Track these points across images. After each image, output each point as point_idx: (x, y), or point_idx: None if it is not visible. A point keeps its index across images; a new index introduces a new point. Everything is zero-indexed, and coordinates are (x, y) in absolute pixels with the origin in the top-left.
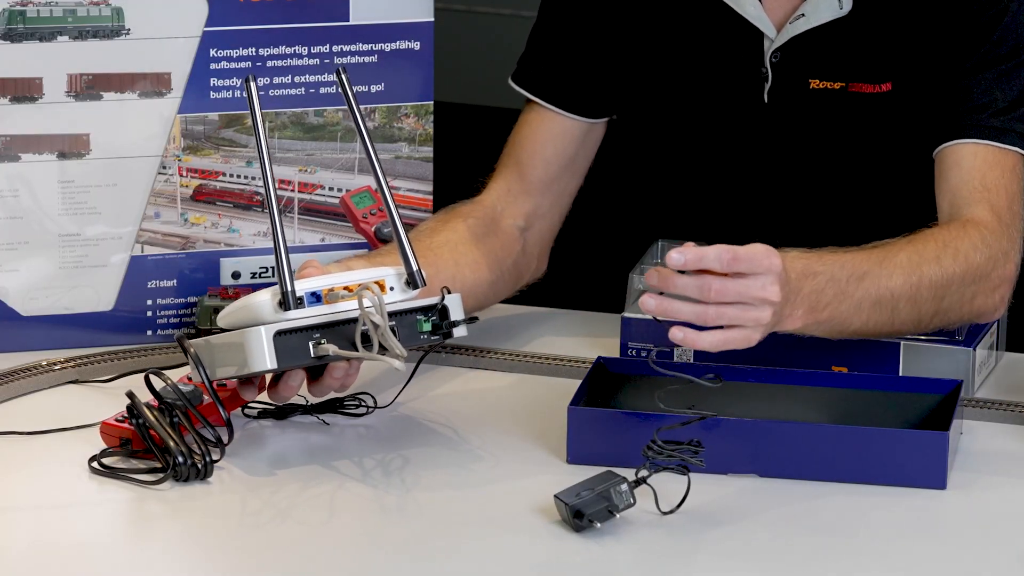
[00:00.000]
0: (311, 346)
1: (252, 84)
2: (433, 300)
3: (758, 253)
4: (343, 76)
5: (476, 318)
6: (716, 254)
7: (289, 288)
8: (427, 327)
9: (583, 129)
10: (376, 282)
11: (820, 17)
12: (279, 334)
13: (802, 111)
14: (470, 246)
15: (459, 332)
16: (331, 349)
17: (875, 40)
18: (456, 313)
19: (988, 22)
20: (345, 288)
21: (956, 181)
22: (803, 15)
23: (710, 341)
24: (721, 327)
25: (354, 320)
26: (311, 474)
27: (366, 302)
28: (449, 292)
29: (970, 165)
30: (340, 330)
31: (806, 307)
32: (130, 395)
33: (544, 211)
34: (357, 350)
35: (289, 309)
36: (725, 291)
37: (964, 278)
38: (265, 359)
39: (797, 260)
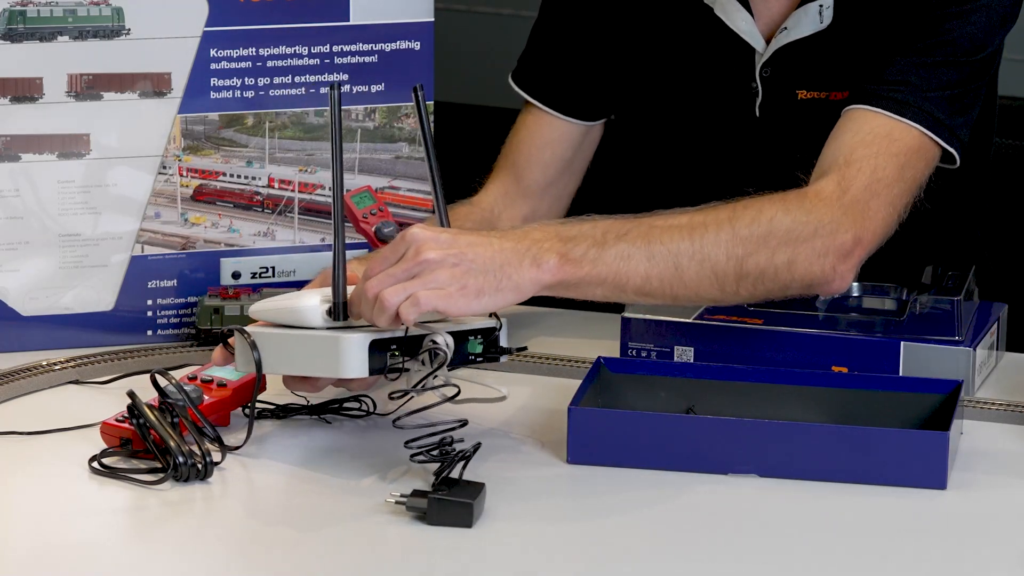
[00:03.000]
0: (387, 357)
1: (336, 92)
2: (490, 324)
3: (394, 241)
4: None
5: (525, 348)
6: (369, 270)
7: (342, 299)
8: (477, 348)
9: (580, 132)
10: None
11: (801, 31)
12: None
13: (791, 121)
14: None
15: (503, 359)
16: (408, 365)
17: (851, 50)
18: (504, 340)
19: (935, 18)
20: None
21: (830, 150)
22: (786, 28)
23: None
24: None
25: (419, 336)
26: (311, 474)
27: (438, 338)
28: (499, 318)
29: (852, 135)
30: (408, 344)
31: (557, 257)
32: (131, 395)
33: (542, 214)
34: (424, 365)
35: (340, 320)
36: (380, 281)
37: (766, 239)
38: (357, 367)
39: (536, 227)
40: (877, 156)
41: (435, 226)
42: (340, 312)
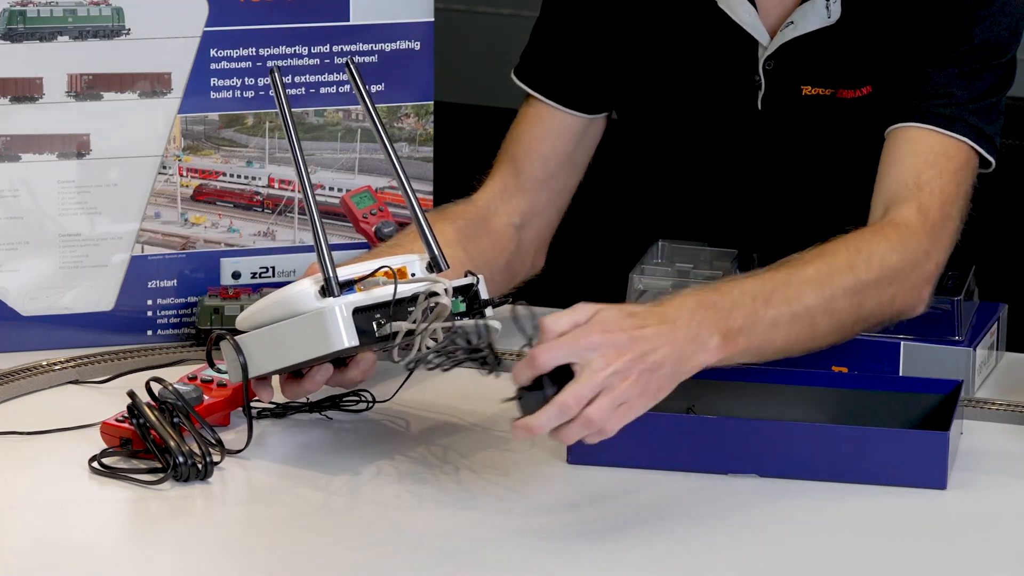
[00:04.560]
0: (374, 326)
1: (277, 75)
2: (466, 281)
3: (552, 335)
4: (352, 67)
5: (509, 298)
6: (527, 363)
7: (332, 274)
8: (461, 308)
9: (582, 125)
10: (398, 269)
11: (808, 25)
12: (354, 312)
13: (794, 116)
14: (456, 249)
15: (490, 315)
16: (401, 326)
17: (860, 47)
18: (484, 294)
19: (963, 24)
20: (384, 274)
21: (895, 173)
22: (792, 22)
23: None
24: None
25: (408, 300)
26: (311, 473)
27: (437, 288)
28: (474, 275)
29: (913, 158)
30: (396, 312)
31: (719, 337)
32: (131, 394)
33: (541, 208)
34: (415, 323)
35: (334, 296)
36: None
37: (880, 282)
38: (344, 337)
39: (688, 297)
40: (941, 176)
41: (608, 315)
42: (335, 288)
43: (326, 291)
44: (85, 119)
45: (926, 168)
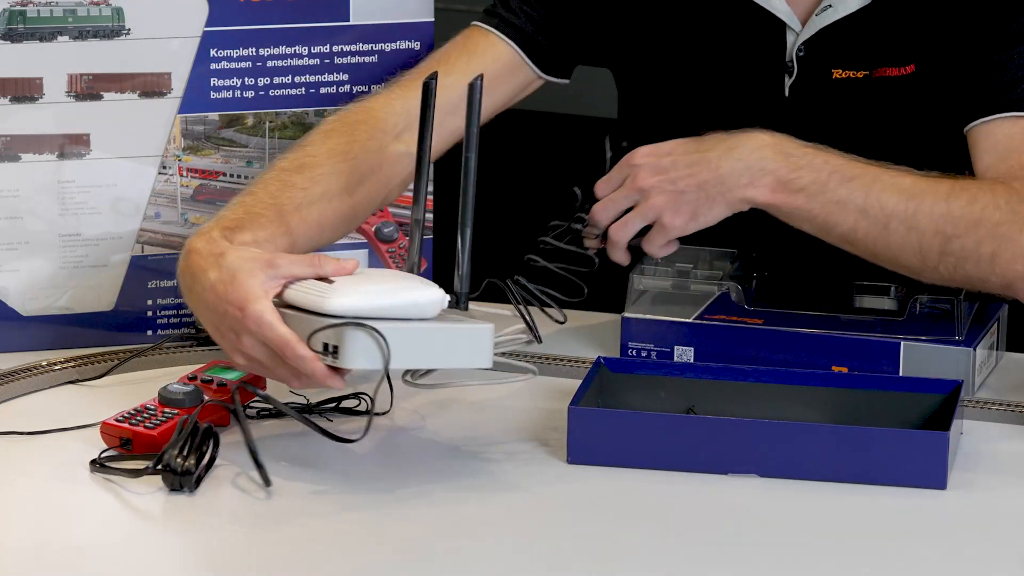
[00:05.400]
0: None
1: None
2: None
3: (620, 163)
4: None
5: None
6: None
7: (465, 291)
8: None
9: (530, 84)
10: None
11: (848, 7)
12: None
13: (824, 101)
14: (343, 200)
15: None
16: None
17: (900, 23)
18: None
19: (1009, 6)
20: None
21: (992, 160)
22: (830, 6)
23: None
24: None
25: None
26: (311, 474)
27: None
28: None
29: (1007, 143)
30: None
31: (773, 179)
32: (235, 413)
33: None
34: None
35: (465, 309)
36: (604, 208)
37: (976, 227)
38: (488, 357)
39: (767, 136)
40: None
41: (659, 147)
42: (464, 301)
43: (455, 304)
44: (85, 119)
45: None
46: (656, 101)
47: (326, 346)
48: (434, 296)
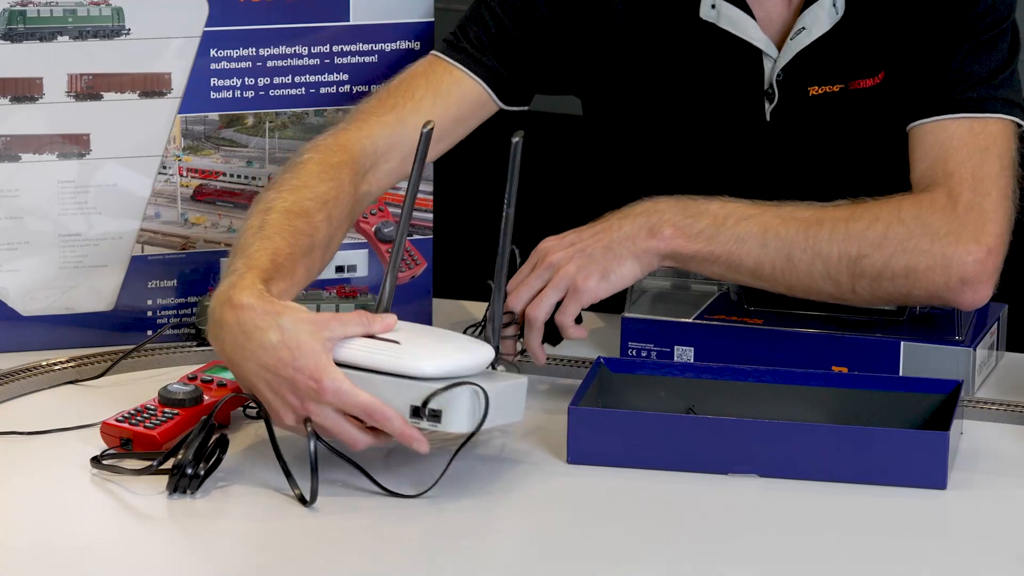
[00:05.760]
0: None
1: (518, 142)
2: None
3: (524, 265)
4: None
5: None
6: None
7: (497, 343)
8: None
9: (487, 113)
10: None
11: (821, 28)
12: None
13: (803, 119)
14: (331, 246)
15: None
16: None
17: (869, 35)
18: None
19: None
20: None
21: (925, 162)
22: (804, 28)
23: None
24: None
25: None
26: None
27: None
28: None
29: (941, 146)
30: None
31: (671, 229)
32: (267, 424)
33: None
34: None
35: (495, 367)
36: (518, 295)
37: (882, 245)
38: (522, 410)
39: (661, 198)
40: (971, 157)
41: (564, 234)
42: (500, 360)
43: (493, 365)
44: (85, 119)
45: (952, 154)
46: (629, 130)
47: (417, 409)
48: (492, 352)
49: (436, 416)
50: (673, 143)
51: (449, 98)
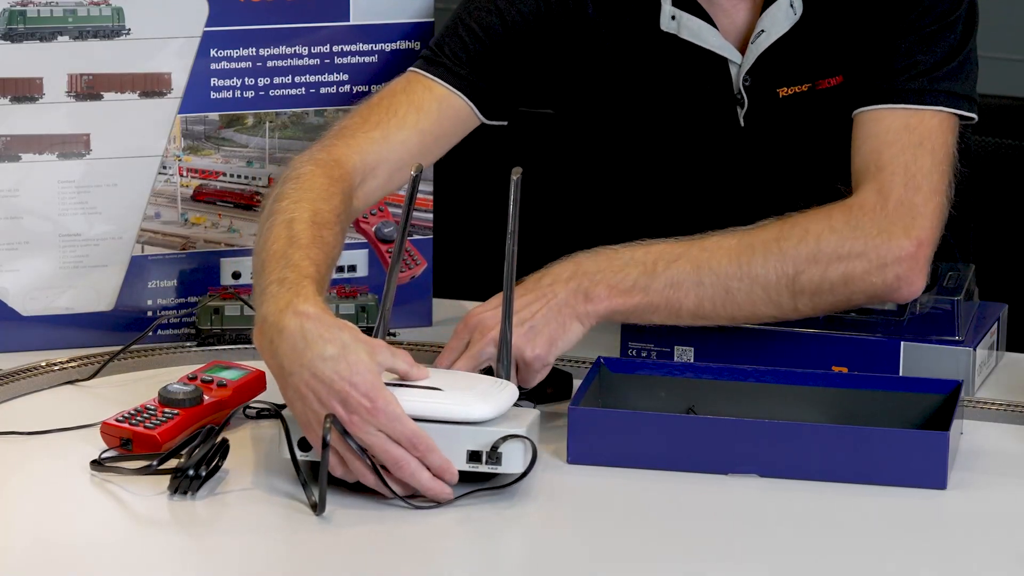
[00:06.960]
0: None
1: (516, 180)
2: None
3: (456, 330)
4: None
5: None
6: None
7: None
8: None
9: (472, 124)
10: None
11: (780, 29)
12: None
13: (775, 121)
14: (329, 251)
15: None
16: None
17: (830, 33)
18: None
19: None
20: None
21: (858, 159)
22: (763, 31)
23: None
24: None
25: None
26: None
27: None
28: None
29: (873, 140)
30: None
31: (604, 288)
32: (286, 432)
33: (389, 189)
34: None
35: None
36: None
37: (816, 258)
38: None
39: (582, 256)
40: (904, 152)
41: (486, 303)
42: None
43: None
44: (85, 119)
45: (886, 148)
46: (608, 142)
47: (475, 453)
48: (516, 391)
49: (497, 459)
50: (652, 153)
51: (431, 114)
